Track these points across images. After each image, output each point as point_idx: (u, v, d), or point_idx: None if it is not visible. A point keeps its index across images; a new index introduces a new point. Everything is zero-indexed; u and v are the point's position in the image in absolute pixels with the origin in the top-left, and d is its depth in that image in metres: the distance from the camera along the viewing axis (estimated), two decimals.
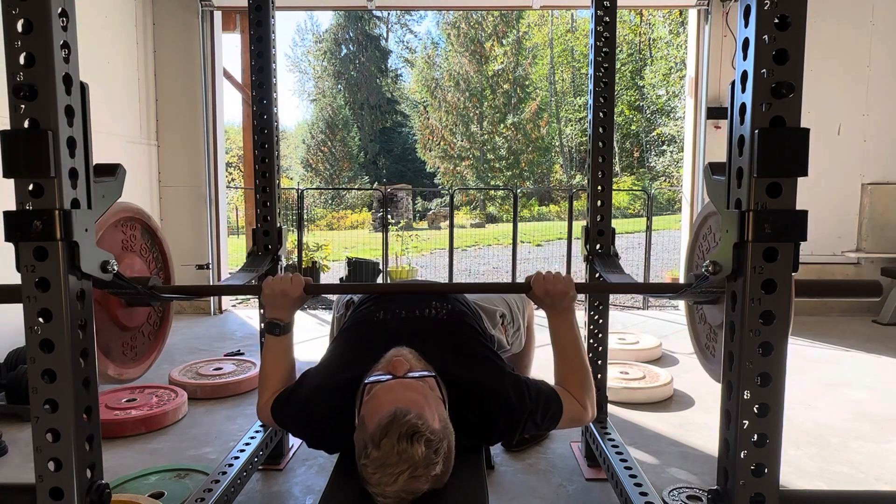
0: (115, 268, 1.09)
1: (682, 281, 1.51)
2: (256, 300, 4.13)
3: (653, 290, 4.51)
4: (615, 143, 2.09)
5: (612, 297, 3.91)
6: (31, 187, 0.96)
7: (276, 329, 1.49)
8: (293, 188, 8.09)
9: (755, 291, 0.93)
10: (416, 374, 1.24)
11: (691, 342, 1.63)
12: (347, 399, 1.30)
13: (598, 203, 2.02)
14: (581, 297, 1.75)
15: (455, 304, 1.58)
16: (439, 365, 1.33)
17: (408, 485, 1.07)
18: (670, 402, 2.81)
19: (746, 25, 0.91)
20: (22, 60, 0.94)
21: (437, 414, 1.16)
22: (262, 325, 1.53)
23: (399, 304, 1.53)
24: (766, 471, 0.95)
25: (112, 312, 1.40)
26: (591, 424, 2.07)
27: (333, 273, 7.32)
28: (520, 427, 1.36)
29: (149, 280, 1.35)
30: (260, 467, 2.09)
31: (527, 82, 25.19)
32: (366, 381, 1.25)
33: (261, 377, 1.53)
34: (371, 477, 1.08)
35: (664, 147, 21.56)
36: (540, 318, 1.87)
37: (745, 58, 0.92)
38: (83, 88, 1.04)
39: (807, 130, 0.91)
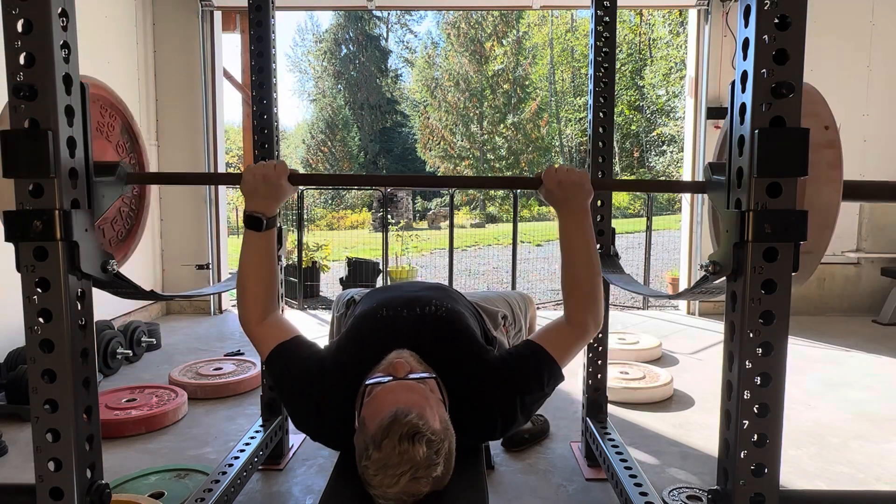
0: (116, 267, 1.10)
1: (684, 277, 1.49)
2: None
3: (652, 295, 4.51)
4: (615, 143, 2.09)
5: (611, 297, 3.91)
6: (30, 187, 0.96)
7: (259, 223, 1.35)
8: None
9: (755, 291, 0.93)
10: (417, 376, 1.24)
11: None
12: (348, 396, 1.29)
13: (598, 203, 2.02)
14: None
15: (455, 303, 1.57)
16: (438, 365, 1.33)
17: (409, 486, 1.07)
18: (670, 402, 2.81)
19: (746, 25, 0.91)
20: (22, 60, 0.94)
21: (438, 415, 1.16)
22: (243, 220, 1.37)
23: (401, 303, 1.52)
24: (766, 471, 0.95)
25: None
26: (591, 424, 2.07)
27: (333, 273, 7.32)
28: (517, 412, 1.32)
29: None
30: (260, 467, 2.09)
31: (527, 82, 25.17)
32: (366, 383, 1.25)
33: (240, 284, 1.39)
34: (372, 479, 1.08)
35: (664, 147, 21.55)
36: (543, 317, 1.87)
37: (745, 58, 0.92)
38: (83, 88, 1.04)
39: (807, 130, 0.91)
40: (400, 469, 1.05)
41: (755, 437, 0.95)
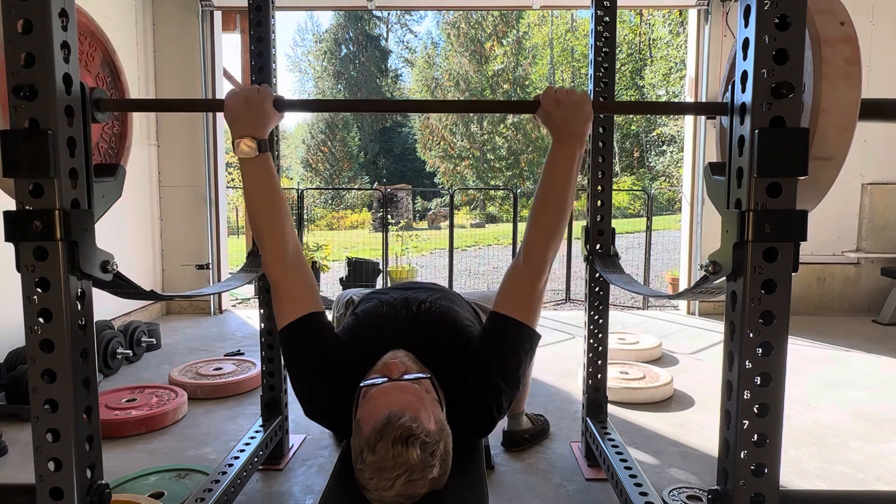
0: (116, 267, 1.09)
1: (684, 277, 1.49)
2: (256, 300, 4.13)
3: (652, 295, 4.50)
4: (615, 143, 2.09)
5: (612, 296, 3.91)
6: (30, 187, 0.96)
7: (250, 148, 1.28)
8: (293, 188, 8.09)
9: (755, 291, 0.93)
10: (412, 377, 1.24)
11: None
12: (348, 396, 1.29)
13: (598, 203, 2.02)
14: (580, 295, 1.72)
15: (450, 302, 1.57)
16: (433, 363, 1.33)
17: (405, 489, 1.07)
18: (670, 402, 2.81)
19: (746, 25, 0.91)
20: (22, 60, 0.94)
21: (433, 416, 1.15)
22: (234, 151, 1.29)
23: (399, 303, 1.53)
24: (766, 471, 0.95)
25: None
26: (591, 424, 2.06)
27: (333, 273, 7.32)
28: (500, 384, 1.31)
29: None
30: (260, 467, 2.09)
31: (527, 82, 25.20)
32: (361, 385, 1.25)
33: (253, 222, 1.34)
34: (368, 482, 1.08)
35: (664, 147, 21.56)
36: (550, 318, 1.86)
37: (745, 58, 0.92)
38: (83, 88, 1.04)
39: (807, 130, 0.91)
40: (395, 472, 1.05)
41: (755, 437, 0.95)
